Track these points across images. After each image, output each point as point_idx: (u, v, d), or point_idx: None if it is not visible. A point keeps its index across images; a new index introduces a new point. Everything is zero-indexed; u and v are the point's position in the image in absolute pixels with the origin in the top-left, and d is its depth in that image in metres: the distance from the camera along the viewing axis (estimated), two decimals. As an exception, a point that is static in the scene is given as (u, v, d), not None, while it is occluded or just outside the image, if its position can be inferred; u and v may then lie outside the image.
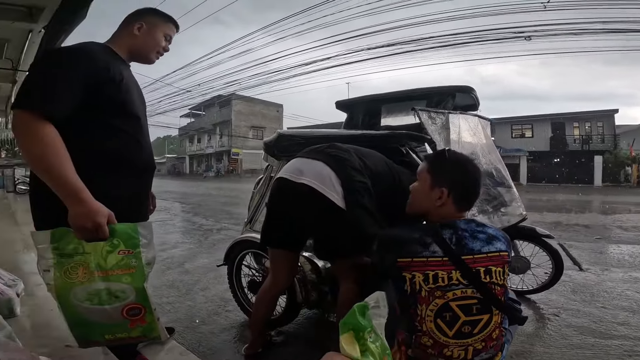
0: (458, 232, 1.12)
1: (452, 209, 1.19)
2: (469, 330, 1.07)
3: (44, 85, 1.06)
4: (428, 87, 3.11)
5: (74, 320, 1.13)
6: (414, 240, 1.11)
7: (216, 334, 2.23)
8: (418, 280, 1.07)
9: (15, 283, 2.11)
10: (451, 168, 1.22)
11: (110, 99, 1.20)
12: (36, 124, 1.02)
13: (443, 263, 1.07)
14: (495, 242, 1.13)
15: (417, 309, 1.08)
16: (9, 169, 14.09)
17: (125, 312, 1.12)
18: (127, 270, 1.09)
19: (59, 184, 1.02)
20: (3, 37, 4.66)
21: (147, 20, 1.36)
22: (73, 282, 1.07)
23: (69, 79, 1.09)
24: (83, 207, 1.02)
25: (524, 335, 2.19)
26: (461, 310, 1.06)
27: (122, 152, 1.25)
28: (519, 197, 2.72)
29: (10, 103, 8.85)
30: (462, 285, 1.06)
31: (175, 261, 3.93)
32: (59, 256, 1.06)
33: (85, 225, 1.02)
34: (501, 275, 1.10)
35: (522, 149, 25.10)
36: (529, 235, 2.75)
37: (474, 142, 2.68)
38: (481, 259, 1.09)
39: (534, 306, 2.70)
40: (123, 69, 1.29)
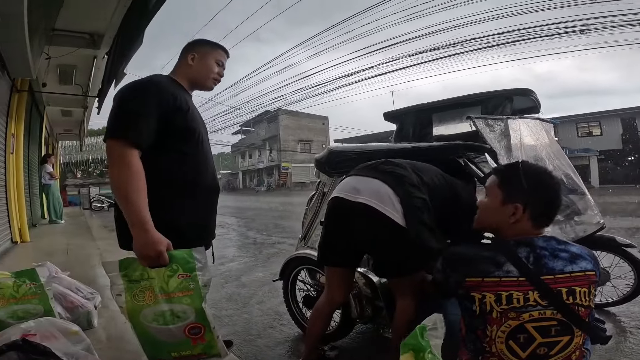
0: (536, 251, 1.04)
1: (527, 225, 1.11)
2: (545, 352, 0.99)
3: (129, 117, 1.19)
4: (482, 92, 2.97)
5: (144, 339, 1.24)
6: (485, 259, 1.05)
7: (271, 347, 2.27)
8: (489, 301, 1.00)
9: (94, 296, 2.30)
10: (527, 182, 1.12)
11: (179, 126, 1.30)
12: (128, 152, 1.15)
13: (519, 283, 0.99)
14: (580, 261, 1.03)
15: (487, 330, 1.01)
16: (85, 188, 15.60)
17: (187, 331, 1.20)
18: (186, 292, 1.18)
19: (131, 212, 1.13)
20: (71, 64, 5.25)
21: (197, 50, 1.46)
22: (141, 305, 1.18)
23: (148, 111, 1.21)
24: (147, 237, 1.12)
25: (603, 349, 1.99)
26: (538, 331, 0.99)
27: (190, 175, 1.35)
28: (594, 204, 2.48)
29: (83, 127, 9.88)
30: (540, 307, 0.98)
31: (233, 274, 4.07)
32: (127, 282, 1.18)
33: (149, 254, 1.12)
34: (586, 296, 1.00)
35: (590, 149, 22.99)
36: (608, 245, 2.51)
37: (539, 147, 2.49)
38: (563, 279, 1.00)
39: (614, 319, 2.50)
40: (188, 99, 1.39)
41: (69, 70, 5.53)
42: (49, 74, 5.52)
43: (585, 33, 11.53)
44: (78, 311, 2.02)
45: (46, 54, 4.65)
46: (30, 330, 1.35)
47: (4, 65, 4.22)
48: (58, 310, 1.86)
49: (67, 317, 1.88)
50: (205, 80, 1.47)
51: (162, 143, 1.26)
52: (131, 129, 1.17)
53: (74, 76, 5.78)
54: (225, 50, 1.53)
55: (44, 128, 8.93)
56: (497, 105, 2.79)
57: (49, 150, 10.34)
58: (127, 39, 4.29)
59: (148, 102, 1.22)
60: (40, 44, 4.21)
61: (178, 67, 1.46)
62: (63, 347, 1.28)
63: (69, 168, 18.53)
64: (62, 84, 6.00)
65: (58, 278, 2.14)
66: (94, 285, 2.63)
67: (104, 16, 4.03)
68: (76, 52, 4.65)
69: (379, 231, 1.41)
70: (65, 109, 7.89)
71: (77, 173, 19.93)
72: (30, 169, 7.22)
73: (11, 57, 3.99)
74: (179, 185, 1.31)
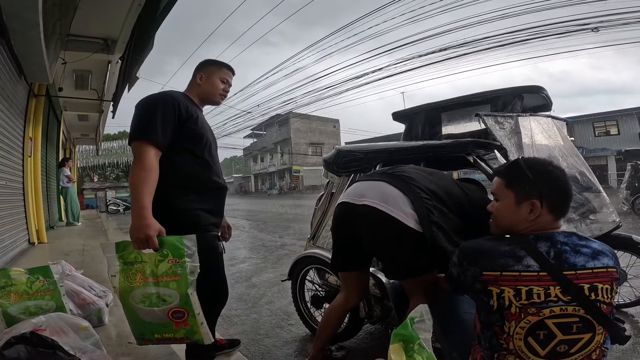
0: (557, 246, 1.01)
1: (548, 219, 1.07)
2: (565, 350, 0.95)
3: (153, 123, 1.38)
4: (491, 90, 2.91)
5: (132, 319, 1.31)
6: (504, 253, 1.02)
7: (279, 347, 2.27)
8: (508, 296, 0.97)
9: (106, 294, 2.34)
10: (534, 176, 1.10)
11: (190, 131, 1.49)
12: (147, 152, 1.34)
13: (539, 278, 0.96)
14: (602, 257, 1.00)
15: (504, 326, 0.98)
16: (102, 192, 15.98)
17: (170, 314, 1.27)
18: (173, 277, 1.25)
19: (134, 199, 1.28)
20: (87, 69, 5.39)
21: (205, 70, 1.64)
22: (132, 286, 1.26)
23: (167, 118, 1.41)
24: (141, 221, 1.24)
25: (619, 351, 1.97)
26: (559, 328, 0.95)
27: (199, 173, 1.52)
28: (610, 202, 2.41)
29: (99, 132, 10.10)
30: (562, 302, 0.94)
31: (243, 275, 4.12)
32: (123, 264, 1.27)
33: (139, 236, 1.22)
34: (609, 293, 0.97)
35: (608, 148, 22.37)
36: (625, 244, 2.44)
37: (551, 145, 2.44)
38: (585, 275, 0.96)
39: (631, 320, 2.44)
40: (198, 111, 1.59)
41: (85, 75, 5.68)
42: (65, 79, 5.68)
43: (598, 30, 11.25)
44: (89, 308, 2.06)
45: (62, 59, 4.78)
46: (41, 325, 1.39)
47: (21, 70, 4.35)
48: (70, 307, 1.90)
49: (78, 314, 1.92)
50: (213, 97, 1.66)
51: (176, 145, 1.45)
52: (151, 132, 1.36)
53: (90, 81, 5.93)
54: (230, 68, 1.71)
55: (62, 132, 9.18)
56: (506, 103, 2.74)
57: (66, 155, 10.61)
58: (139, 43, 4.39)
59: (165, 110, 1.42)
60: (56, 49, 4.34)
61: (190, 85, 1.66)
62: (72, 342, 1.30)
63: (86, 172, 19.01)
64: (78, 88, 6.16)
65: (71, 276, 2.19)
66: (107, 284, 2.66)
67: (116, 22, 4.13)
68: (91, 57, 4.77)
69: (385, 232, 1.40)
70: (81, 113, 8.10)
71: (94, 177, 20.39)
72: (48, 172, 7.42)
73: (28, 62, 4.11)
74: (191, 178, 1.49)
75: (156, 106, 1.42)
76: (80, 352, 1.23)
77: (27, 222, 5.11)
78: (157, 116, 1.39)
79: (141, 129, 1.39)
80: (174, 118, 1.44)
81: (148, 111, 1.42)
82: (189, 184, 1.48)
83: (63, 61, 4.85)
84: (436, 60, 15.45)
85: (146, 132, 1.37)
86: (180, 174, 1.46)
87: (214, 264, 1.54)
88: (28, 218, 5.13)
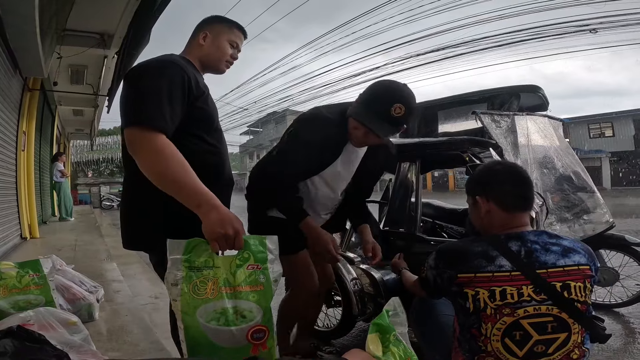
0: (527, 245, 1.02)
1: (502, 215, 1.09)
2: (543, 350, 0.95)
3: (157, 102, 1.02)
4: (488, 89, 2.93)
5: (197, 342, 0.96)
6: (477, 254, 1.02)
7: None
8: (483, 297, 0.97)
9: (97, 289, 2.31)
10: (477, 175, 1.18)
11: (200, 111, 1.15)
12: (154, 138, 0.98)
13: (512, 278, 0.97)
14: (573, 254, 1.01)
15: (481, 328, 0.98)
16: (95, 187, 15.85)
17: (250, 335, 0.96)
18: (255, 287, 0.97)
19: (191, 194, 0.97)
20: (82, 64, 5.34)
21: (211, 29, 1.28)
22: (201, 299, 0.94)
23: (175, 95, 1.06)
24: (220, 214, 0.95)
25: (610, 351, 1.99)
26: (534, 328, 0.95)
27: (210, 163, 1.19)
28: (603, 202, 2.44)
29: (94, 127, 10.03)
30: (534, 302, 0.95)
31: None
32: (188, 269, 0.95)
33: (227, 232, 0.94)
34: (582, 291, 0.97)
35: (602, 150, 22.57)
36: (618, 245, 2.47)
37: (546, 144, 2.46)
38: (557, 273, 0.97)
39: (623, 320, 2.45)
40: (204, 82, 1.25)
41: (80, 69, 5.63)
42: (60, 74, 5.62)
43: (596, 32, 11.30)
44: (80, 303, 2.03)
45: (57, 53, 4.74)
46: (29, 319, 1.36)
47: (16, 64, 4.30)
48: (59, 302, 1.88)
49: (68, 309, 1.89)
50: (217, 63, 1.30)
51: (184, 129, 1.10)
52: (156, 115, 1.00)
53: (85, 76, 5.88)
54: (242, 29, 1.34)
55: (56, 127, 9.09)
56: (503, 102, 2.75)
57: (60, 149, 10.49)
58: (135, 38, 4.36)
59: (172, 84, 1.06)
60: (51, 43, 4.29)
61: (189, 46, 1.29)
62: (59, 337, 1.28)
63: (80, 167, 18.86)
64: (73, 83, 6.11)
65: (62, 271, 2.16)
66: (99, 280, 2.65)
67: (113, 17, 4.10)
68: (87, 52, 4.73)
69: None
70: (76, 108, 8.03)
71: (89, 172, 20.25)
72: (41, 167, 7.34)
73: (23, 56, 4.06)
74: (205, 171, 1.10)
75: (160, 78, 1.05)
76: (67, 347, 1.20)
77: (19, 217, 5.05)
78: (163, 93, 1.03)
79: (140, 111, 1.01)
80: (184, 95, 1.08)
81: (149, 85, 1.04)
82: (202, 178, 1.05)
83: (59, 56, 4.80)
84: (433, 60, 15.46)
85: (148, 115, 1.00)
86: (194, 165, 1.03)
87: None
88: (20, 213, 5.07)
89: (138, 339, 1.87)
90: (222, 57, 1.29)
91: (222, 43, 1.28)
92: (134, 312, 2.31)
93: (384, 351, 0.83)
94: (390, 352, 0.84)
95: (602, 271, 2.47)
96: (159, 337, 1.91)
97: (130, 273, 3.48)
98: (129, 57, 4.76)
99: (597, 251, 2.49)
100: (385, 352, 0.83)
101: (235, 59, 1.34)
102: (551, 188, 2.30)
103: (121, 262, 3.89)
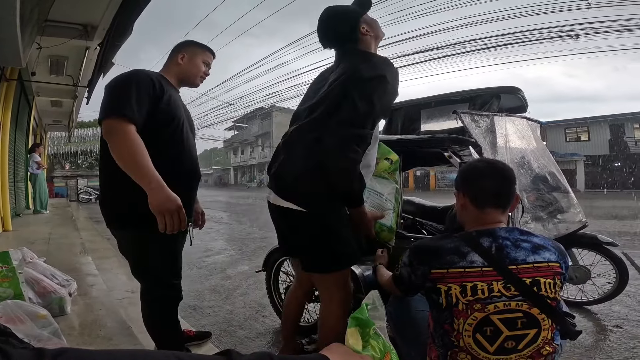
0: (498, 241, 1.03)
1: (475, 211, 1.11)
2: (513, 346, 0.97)
3: (126, 99, 1.28)
4: (470, 89, 2.97)
5: None
6: (450, 250, 1.04)
7: (252, 338, 2.25)
8: (454, 293, 0.99)
9: (69, 283, 2.25)
10: (461, 169, 1.23)
11: (162, 111, 1.40)
12: (127, 127, 1.24)
13: (483, 273, 0.99)
14: (543, 251, 1.03)
15: (454, 323, 1.00)
16: (73, 180, 15.38)
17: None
18: None
19: (145, 174, 1.20)
20: (63, 55, 5.16)
21: (187, 51, 1.58)
22: None
23: (142, 95, 1.32)
24: (165, 193, 1.20)
25: (582, 347, 2.04)
26: (504, 324, 0.97)
27: (172, 160, 1.42)
28: (577, 202, 2.51)
29: (72, 118, 9.70)
30: (504, 298, 0.97)
31: (218, 267, 4.04)
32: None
33: (170, 207, 1.19)
34: (552, 288, 0.99)
35: (578, 153, 23.33)
36: (590, 243, 2.54)
37: (524, 145, 2.51)
38: (526, 270, 0.99)
39: (594, 317, 2.51)
40: (172, 91, 1.50)
41: (60, 60, 5.43)
42: (39, 64, 5.41)
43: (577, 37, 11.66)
44: (50, 297, 1.97)
45: (37, 43, 4.56)
46: (-5, 312, 1.31)
47: (-8, 53, 4.12)
48: (29, 295, 1.82)
49: (38, 302, 1.83)
50: (193, 78, 1.60)
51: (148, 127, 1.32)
52: (126, 108, 1.26)
53: (66, 67, 5.68)
54: (212, 52, 1.66)
55: (32, 118, 8.76)
56: (484, 102, 2.79)
57: (36, 141, 10.13)
58: (119, 30, 4.25)
59: (140, 86, 1.32)
60: (31, 34, 4.13)
61: (168, 65, 1.58)
62: (27, 330, 1.24)
63: (57, 159, 18.26)
64: (52, 74, 5.88)
65: (32, 263, 2.09)
66: (72, 273, 2.58)
67: (98, 8, 3.97)
68: (68, 43, 4.56)
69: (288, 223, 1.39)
70: (55, 99, 7.74)
71: (66, 165, 19.61)
72: (16, 159, 7.07)
73: (1, 46, 3.89)
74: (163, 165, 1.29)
75: (130, 82, 1.33)
76: (35, 340, 1.17)
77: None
78: (132, 92, 1.30)
79: (114, 105, 1.27)
80: (150, 95, 1.35)
81: (121, 88, 1.31)
82: (160, 172, 1.27)
83: (38, 46, 4.62)
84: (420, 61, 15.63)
85: (120, 108, 1.26)
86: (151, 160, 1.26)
87: (171, 260, 1.47)
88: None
89: (112, 333, 1.83)
90: (197, 73, 1.59)
91: (197, 62, 1.59)
92: (108, 307, 2.25)
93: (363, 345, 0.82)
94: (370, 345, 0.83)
95: (575, 269, 2.55)
96: (135, 331, 1.87)
97: (107, 267, 3.40)
98: (111, 48, 4.64)
99: (569, 250, 2.56)
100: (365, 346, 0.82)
101: (207, 75, 1.65)
102: (527, 187, 2.35)
103: (97, 256, 3.80)
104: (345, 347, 0.76)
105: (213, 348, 1.96)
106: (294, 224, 1.36)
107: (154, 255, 1.40)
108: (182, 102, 1.59)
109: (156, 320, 1.50)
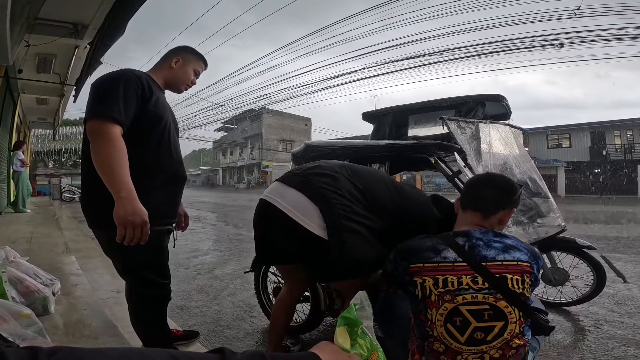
0: (472, 240, 1.14)
1: (460, 213, 1.27)
2: (482, 337, 1.04)
3: (114, 100, 1.25)
4: (456, 97, 3.05)
5: None
6: (427, 248, 1.15)
7: (240, 338, 2.25)
8: (428, 285, 1.09)
9: (53, 283, 2.22)
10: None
11: (150, 112, 1.38)
12: (111, 130, 1.21)
13: (454, 267, 1.09)
14: (514, 251, 1.11)
15: (428, 314, 1.08)
16: (56, 178, 15.01)
17: None
18: None
19: (117, 183, 1.16)
20: (51, 53, 5.07)
21: (183, 57, 1.56)
22: None
23: (129, 95, 1.30)
24: (134, 206, 1.16)
25: (561, 347, 2.11)
26: (472, 315, 1.05)
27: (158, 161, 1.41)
28: (557, 207, 2.60)
29: (58, 116, 9.51)
30: (472, 290, 1.05)
31: (206, 267, 4.03)
32: None
33: (135, 220, 1.15)
34: (519, 284, 1.06)
35: (559, 160, 23.97)
36: (569, 247, 2.62)
37: (506, 151, 2.59)
38: (495, 266, 1.08)
39: (573, 318, 2.59)
40: (159, 93, 1.49)
41: (48, 58, 5.33)
42: (26, 62, 5.31)
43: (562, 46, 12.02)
44: (34, 296, 1.94)
45: (26, 41, 4.48)
46: (-21, 311, 1.30)
47: (-22, 49, 4.02)
48: (12, 294, 1.79)
49: (21, 302, 1.81)
50: (180, 84, 1.59)
51: (134, 128, 1.31)
52: (113, 109, 1.23)
53: (53, 65, 5.58)
54: (205, 63, 1.66)
55: (17, 115, 8.55)
56: (470, 109, 2.88)
57: (20, 138, 9.89)
58: (111, 30, 4.21)
59: (127, 86, 1.29)
60: (20, 31, 4.05)
61: (160, 66, 1.56)
62: (11, 329, 1.23)
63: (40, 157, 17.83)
64: (40, 72, 5.77)
65: (15, 263, 2.06)
66: (56, 273, 2.54)
67: (90, 7, 3.92)
68: (57, 41, 4.49)
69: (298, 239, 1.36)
70: (41, 97, 7.58)
71: (49, 163, 19.14)
72: (-1, 156, 6.90)
73: (-12, 43, 3.81)
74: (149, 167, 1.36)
75: (117, 82, 1.29)
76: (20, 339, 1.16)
77: (-29, 208, 4.73)
78: (119, 92, 1.27)
79: (100, 106, 1.24)
80: (137, 96, 1.32)
81: (108, 87, 1.28)
82: (145, 173, 1.34)
83: (27, 44, 4.54)
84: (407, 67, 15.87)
85: (107, 109, 1.22)
86: (137, 161, 1.28)
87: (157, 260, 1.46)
88: (-28, 203, 4.75)
89: (97, 333, 1.82)
90: (186, 80, 1.59)
91: (188, 69, 1.58)
92: (93, 306, 2.23)
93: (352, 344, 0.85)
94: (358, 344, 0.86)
95: (553, 271, 2.64)
96: (122, 331, 1.86)
97: (91, 267, 3.35)
98: (102, 47, 4.59)
99: (549, 253, 2.65)
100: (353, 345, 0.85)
101: (194, 84, 1.64)
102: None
103: (81, 255, 3.74)
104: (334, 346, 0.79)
105: (201, 347, 1.96)
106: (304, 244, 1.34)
107: (139, 255, 1.36)
108: (168, 104, 1.57)
109: (143, 320, 1.48)
